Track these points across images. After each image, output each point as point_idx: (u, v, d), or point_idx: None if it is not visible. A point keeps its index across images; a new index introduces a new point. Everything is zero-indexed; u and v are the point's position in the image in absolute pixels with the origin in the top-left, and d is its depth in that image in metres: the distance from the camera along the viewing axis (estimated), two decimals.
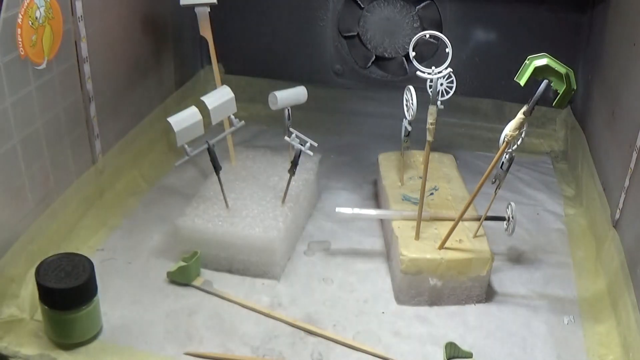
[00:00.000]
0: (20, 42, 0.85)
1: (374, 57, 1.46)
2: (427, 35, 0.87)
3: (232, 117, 1.00)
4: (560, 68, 0.77)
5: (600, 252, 1.02)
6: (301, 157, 0.99)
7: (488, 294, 0.95)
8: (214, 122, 0.97)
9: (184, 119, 0.92)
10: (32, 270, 0.88)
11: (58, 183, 0.99)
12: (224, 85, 0.99)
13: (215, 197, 1.03)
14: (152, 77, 1.30)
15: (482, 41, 1.41)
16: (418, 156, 1.17)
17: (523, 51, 0.84)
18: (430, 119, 0.87)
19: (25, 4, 0.85)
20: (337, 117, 1.49)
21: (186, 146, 0.93)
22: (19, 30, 0.84)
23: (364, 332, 0.89)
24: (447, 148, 1.31)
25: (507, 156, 0.89)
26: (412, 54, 0.84)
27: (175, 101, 1.39)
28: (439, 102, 0.88)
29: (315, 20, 1.47)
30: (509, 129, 0.83)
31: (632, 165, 0.93)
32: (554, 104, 0.79)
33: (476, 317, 0.92)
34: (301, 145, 0.98)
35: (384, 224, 1.09)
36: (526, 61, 0.79)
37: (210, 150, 0.96)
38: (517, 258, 1.05)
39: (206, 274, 0.98)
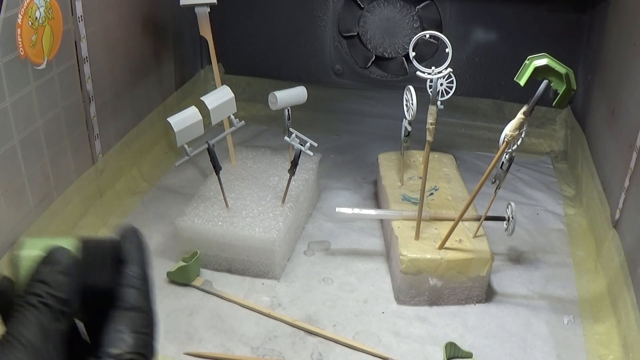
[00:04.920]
0: (20, 42, 0.85)
1: (374, 57, 1.46)
2: (427, 35, 0.87)
3: (232, 117, 1.00)
4: (560, 68, 0.77)
5: (600, 252, 1.02)
6: (301, 157, 0.99)
7: (488, 294, 0.95)
8: (214, 122, 0.97)
9: (184, 119, 0.92)
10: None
11: (58, 183, 0.99)
12: (224, 85, 0.99)
13: (215, 197, 1.03)
14: (152, 77, 1.30)
15: (482, 41, 1.41)
16: (418, 156, 1.17)
17: (523, 51, 0.84)
18: (430, 119, 0.87)
19: (25, 4, 0.85)
20: (337, 117, 1.49)
21: (186, 146, 0.93)
22: (18, 30, 0.84)
23: (364, 332, 0.89)
24: (447, 148, 1.31)
25: (507, 156, 0.89)
26: (412, 54, 0.84)
27: (175, 101, 1.39)
28: (439, 102, 0.88)
29: (315, 20, 1.47)
30: (509, 129, 0.83)
31: (632, 165, 0.93)
32: (554, 104, 0.79)
33: (476, 317, 0.92)
34: (301, 145, 0.98)
35: (384, 224, 1.09)
36: (526, 61, 0.79)
37: (210, 150, 0.96)
38: (517, 258, 1.05)
39: (206, 274, 0.98)
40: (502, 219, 0.97)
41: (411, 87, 0.93)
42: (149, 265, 0.37)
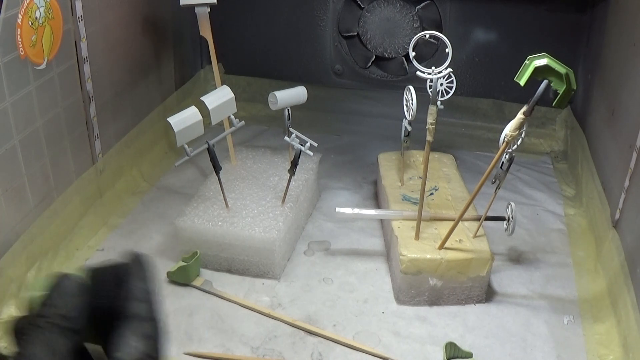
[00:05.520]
0: (20, 42, 0.85)
1: (374, 57, 1.46)
2: (427, 35, 0.87)
3: (232, 117, 1.00)
4: (560, 68, 0.77)
5: (600, 252, 1.02)
6: (301, 157, 0.99)
7: (488, 294, 0.95)
8: (214, 122, 0.97)
9: (184, 119, 0.92)
10: (32, 271, 0.88)
11: (58, 183, 0.99)
12: (224, 85, 0.99)
13: (215, 197, 1.03)
14: (152, 77, 1.30)
15: (482, 41, 1.41)
16: (418, 156, 1.17)
17: (523, 51, 0.84)
18: (430, 119, 0.87)
19: (25, 4, 0.85)
20: (337, 117, 1.49)
21: (186, 146, 0.93)
22: (18, 31, 0.84)
23: (364, 332, 0.89)
24: (447, 148, 1.31)
25: (507, 156, 0.89)
26: (412, 54, 0.84)
27: (175, 101, 1.39)
28: (439, 102, 0.88)
29: (315, 20, 1.47)
30: (509, 129, 0.83)
31: (632, 165, 0.93)
32: (554, 104, 0.79)
33: (476, 317, 0.92)
34: (301, 145, 0.98)
35: (384, 224, 1.09)
36: (526, 61, 0.79)
37: (210, 150, 0.96)
38: (517, 258, 1.05)
39: (206, 274, 0.98)
40: (502, 219, 0.97)
41: (411, 87, 0.93)
42: (152, 281, 0.39)
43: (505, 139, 0.83)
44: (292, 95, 1.02)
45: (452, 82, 0.95)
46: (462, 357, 0.84)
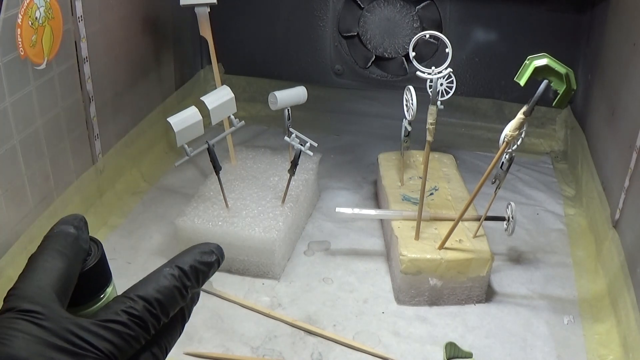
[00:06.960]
0: (20, 42, 0.85)
1: (374, 57, 1.46)
2: (427, 35, 0.87)
3: (232, 117, 1.00)
4: (560, 68, 0.77)
5: (600, 252, 1.02)
6: (301, 157, 0.99)
7: (488, 294, 0.95)
8: (214, 122, 0.97)
9: (184, 119, 0.92)
10: None
11: (58, 183, 0.99)
12: (224, 85, 0.99)
13: (215, 197, 1.03)
14: (152, 77, 1.30)
15: (482, 41, 1.41)
16: (418, 156, 1.17)
17: (523, 51, 0.84)
18: (430, 119, 0.87)
19: (25, 4, 0.85)
20: (337, 117, 1.49)
21: (186, 146, 0.93)
22: (18, 31, 0.84)
23: (364, 332, 0.89)
24: (447, 148, 1.31)
25: (507, 156, 0.89)
26: (412, 54, 0.84)
27: (175, 101, 1.39)
28: (439, 102, 0.88)
29: (315, 20, 1.47)
30: (509, 129, 0.83)
31: (632, 165, 0.93)
32: (554, 104, 0.79)
33: (476, 317, 0.92)
34: (301, 145, 0.98)
35: (384, 224, 1.09)
36: (526, 61, 0.78)
37: (210, 150, 0.96)
38: (517, 258, 1.05)
39: None
40: (502, 219, 0.97)
41: (411, 87, 0.93)
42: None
43: (505, 139, 0.83)
44: (292, 95, 1.02)
45: (452, 82, 0.95)
46: (462, 357, 0.84)
